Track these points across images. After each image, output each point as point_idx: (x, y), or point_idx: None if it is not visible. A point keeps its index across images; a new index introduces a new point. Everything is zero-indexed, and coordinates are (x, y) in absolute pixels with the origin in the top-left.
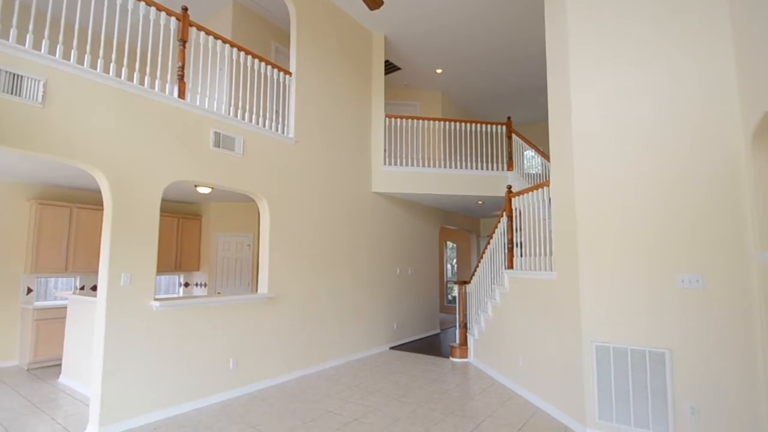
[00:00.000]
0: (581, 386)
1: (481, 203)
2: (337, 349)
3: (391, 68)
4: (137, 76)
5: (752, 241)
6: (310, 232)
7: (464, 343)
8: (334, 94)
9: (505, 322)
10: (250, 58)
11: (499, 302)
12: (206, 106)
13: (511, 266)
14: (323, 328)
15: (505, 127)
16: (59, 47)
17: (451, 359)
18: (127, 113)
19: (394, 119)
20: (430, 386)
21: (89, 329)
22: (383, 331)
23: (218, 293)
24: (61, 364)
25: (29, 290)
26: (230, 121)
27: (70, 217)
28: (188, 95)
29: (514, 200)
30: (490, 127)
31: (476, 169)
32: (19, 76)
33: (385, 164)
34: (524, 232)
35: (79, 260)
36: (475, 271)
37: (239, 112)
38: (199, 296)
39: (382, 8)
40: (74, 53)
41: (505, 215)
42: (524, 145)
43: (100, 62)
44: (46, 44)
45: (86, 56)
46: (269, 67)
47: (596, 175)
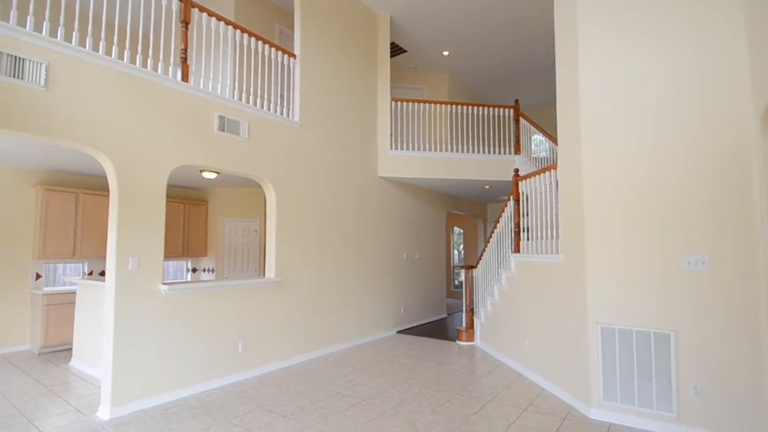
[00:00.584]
0: (586, 367)
1: (487, 188)
2: (344, 333)
3: (397, 51)
4: (140, 59)
5: (760, 218)
6: (316, 216)
7: (471, 326)
8: (339, 77)
9: (511, 305)
10: (253, 40)
11: (505, 286)
12: (210, 89)
13: (518, 250)
14: (330, 312)
15: (512, 110)
16: (60, 30)
17: (457, 343)
18: (130, 97)
19: (400, 102)
20: (436, 369)
21: (99, 313)
22: (390, 315)
23: (226, 278)
24: (71, 348)
25: (38, 276)
26: (234, 104)
27: (76, 202)
28: (192, 78)
29: (521, 184)
30: (497, 110)
31: (483, 153)
32: (20, 59)
33: (391, 148)
34: (531, 215)
35: (86, 246)
36: (481, 255)
37: (243, 95)
38: (206, 281)
39: None
40: (76, 36)
41: (512, 199)
42: (532, 128)
43: (102, 45)
44: (47, 26)
45: (88, 39)
46: (273, 49)
47: (603, 157)
